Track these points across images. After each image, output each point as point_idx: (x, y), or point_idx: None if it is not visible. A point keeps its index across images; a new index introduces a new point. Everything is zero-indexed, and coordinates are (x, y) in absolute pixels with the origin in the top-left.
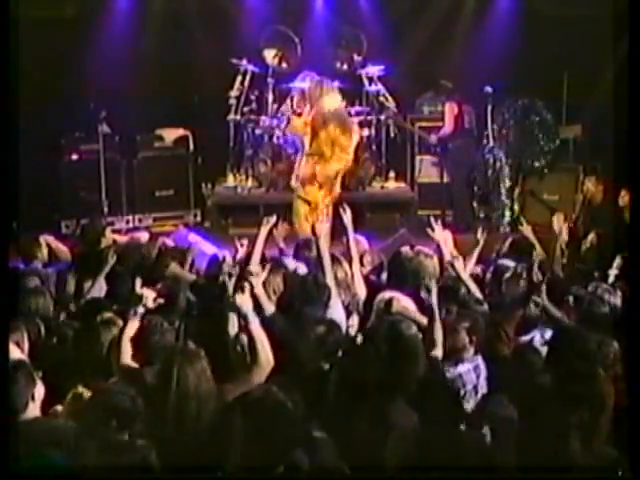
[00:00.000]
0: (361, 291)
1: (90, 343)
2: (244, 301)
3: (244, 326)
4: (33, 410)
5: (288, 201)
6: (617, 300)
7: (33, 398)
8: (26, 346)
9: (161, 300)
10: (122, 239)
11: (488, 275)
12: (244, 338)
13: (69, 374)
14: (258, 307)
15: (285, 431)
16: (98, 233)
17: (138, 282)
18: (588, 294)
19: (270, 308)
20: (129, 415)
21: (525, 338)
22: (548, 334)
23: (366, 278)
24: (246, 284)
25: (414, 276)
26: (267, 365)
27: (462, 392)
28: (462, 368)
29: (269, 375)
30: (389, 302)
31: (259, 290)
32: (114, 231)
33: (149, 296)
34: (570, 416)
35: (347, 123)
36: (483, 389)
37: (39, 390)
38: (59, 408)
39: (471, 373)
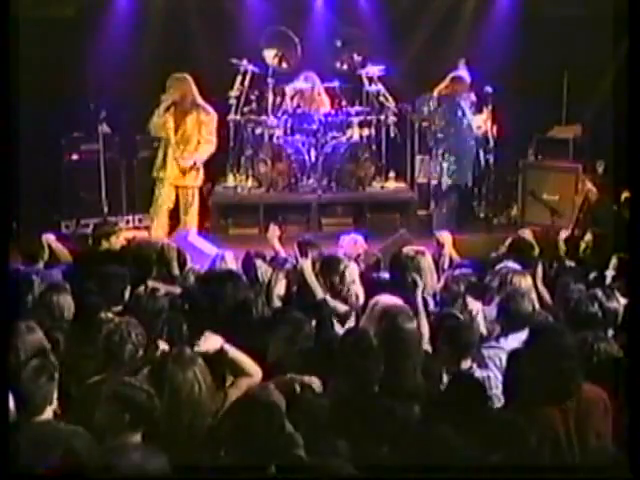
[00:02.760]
0: (359, 292)
1: (88, 343)
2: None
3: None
4: (48, 413)
5: (288, 201)
6: (614, 301)
7: (51, 403)
8: (32, 346)
9: None
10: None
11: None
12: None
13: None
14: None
15: (281, 430)
16: (108, 232)
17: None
18: (583, 293)
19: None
20: (143, 411)
21: (516, 336)
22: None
23: (365, 278)
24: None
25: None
26: (256, 374)
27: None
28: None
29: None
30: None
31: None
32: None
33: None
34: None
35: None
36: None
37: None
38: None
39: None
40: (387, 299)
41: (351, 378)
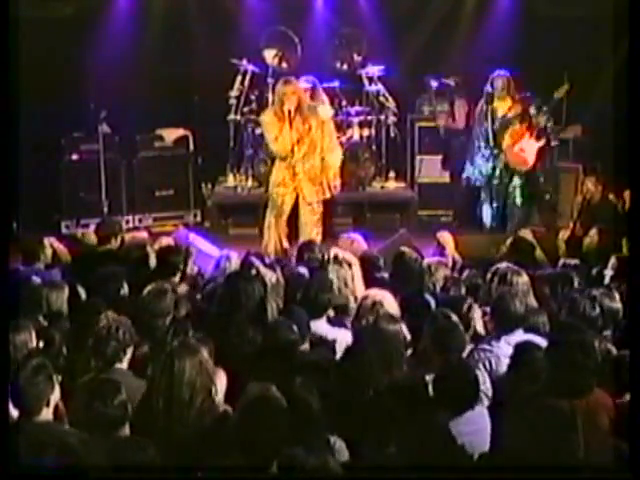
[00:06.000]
0: (360, 292)
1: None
2: None
3: None
4: (45, 414)
5: None
6: (614, 301)
7: (48, 403)
8: (34, 346)
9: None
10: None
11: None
12: None
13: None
14: None
15: (282, 429)
16: (113, 232)
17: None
18: (583, 294)
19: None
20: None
21: (511, 337)
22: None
23: (365, 278)
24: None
25: (419, 277)
26: None
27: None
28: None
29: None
30: (374, 304)
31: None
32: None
33: None
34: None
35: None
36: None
37: (56, 394)
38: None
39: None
40: (377, 293)
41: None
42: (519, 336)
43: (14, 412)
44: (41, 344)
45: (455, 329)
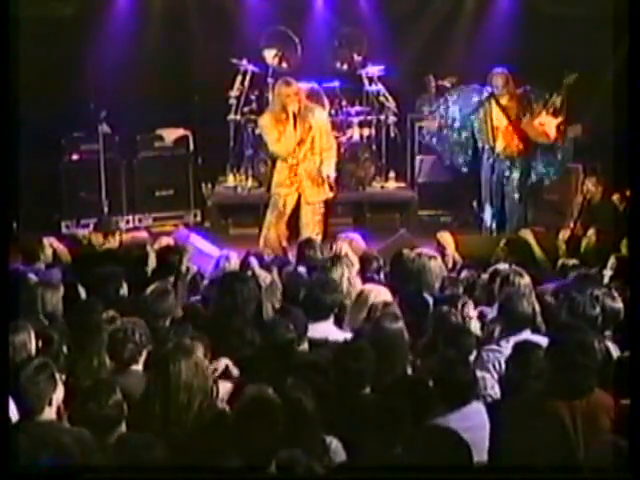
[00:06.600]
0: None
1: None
2: None
3: None
4: (48, 414)
5: None
6: (614, 301)
7: (50, 403)
8: (33, 346)
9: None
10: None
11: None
12: None
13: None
14: None
15: (278, 430)
16: (110, 230)
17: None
18: (584, 294)
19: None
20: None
21: (519, 338)
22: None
23: (364, 278)
24: None
25: (417, 277)
26: None
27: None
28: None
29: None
30: (376, 304)
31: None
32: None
33: None
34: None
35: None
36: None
37: (58, 394)
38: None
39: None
40: (372, 289)
41: (343, 380)
42: (527, 336)
43: (15, 412)
44: (40, 344)
45: (468, 329)
